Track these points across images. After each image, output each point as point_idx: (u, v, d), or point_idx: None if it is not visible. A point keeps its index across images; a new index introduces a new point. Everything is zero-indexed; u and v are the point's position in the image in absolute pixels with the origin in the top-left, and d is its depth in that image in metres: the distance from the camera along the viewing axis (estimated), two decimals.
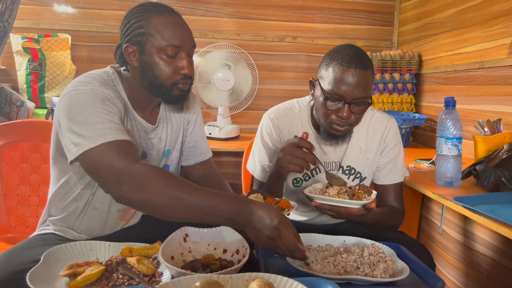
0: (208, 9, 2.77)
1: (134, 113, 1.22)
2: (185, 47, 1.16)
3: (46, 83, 2.48)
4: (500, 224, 1.11)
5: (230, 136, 2.54)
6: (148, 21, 1.13)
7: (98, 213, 1.25)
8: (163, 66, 1.14)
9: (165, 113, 1.33)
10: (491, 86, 1.94)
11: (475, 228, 2.02)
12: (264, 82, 2.82)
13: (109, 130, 1.03)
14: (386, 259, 1.06)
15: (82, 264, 1.02)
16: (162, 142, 1.31)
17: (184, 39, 1.16)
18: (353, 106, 1.26)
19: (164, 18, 1.14)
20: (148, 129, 1.27)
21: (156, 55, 1.14)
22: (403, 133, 2.34)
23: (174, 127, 1.36)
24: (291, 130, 1.44)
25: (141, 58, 1.15)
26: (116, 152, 1.00)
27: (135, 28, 1.14)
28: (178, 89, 1.18)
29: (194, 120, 1.42)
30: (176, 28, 1.15)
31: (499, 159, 1.42)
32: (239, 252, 1.07)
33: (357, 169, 1.46)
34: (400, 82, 2.59)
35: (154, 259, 1.07)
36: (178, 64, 1.16)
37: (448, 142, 1.44)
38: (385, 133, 1.44)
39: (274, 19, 2.84)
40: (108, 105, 1.08)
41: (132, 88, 1.21)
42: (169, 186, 0.95)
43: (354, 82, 1.23)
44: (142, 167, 0.98)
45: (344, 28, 2.91)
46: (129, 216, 1.31)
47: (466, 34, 2.13)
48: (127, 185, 0.96)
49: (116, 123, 1.06)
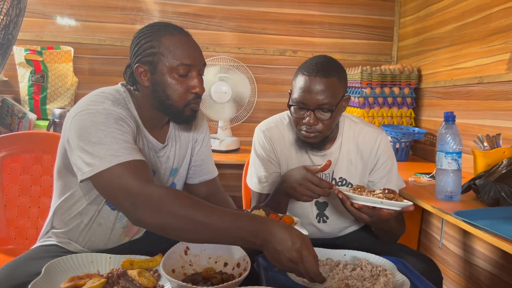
0: (209, 23, 2.81)
1: (145, 132, 1.22)
2: (196, 66, 1.16)
3: (48, 95, 2.49)
4: (500, 239, 1.11)
5: (230, 149, 2.55)
6: (159, 41, 1.13)
7: (103, 229, 1.24)
8: (175, 85, 1.14)
9: (174, 131, 1.33)
10: (490, 101, 1.95)
11: (475, 243, 2.02)
12: (265, 95, 2.85)
13: (124, 150, 1.01)
14: (387, 272, 1.06)
15: (83, 276, 1.02)
16: (170, 160, 1.31)
17: (195, 58, 1.16)
18: (318, 113, 1.30)
19: (175, 38, 1.14)
20: (157, 148, 1.26)
21: (168, 75, 1.13)
22: (402, 147, 2.35)
23: (182, 146, 1.35)
24: (282, 141, 1.47)
25: (153, 78, 1.15)
26: (131, 173, 0.98)
27: (146, 48, 1.13)
28: (190, 110, 1.19)
29: (201, 139, 1.42)
30: (188, 47, 1.15)
31: (499, 174, 1.43)
32: (240, 266, 1.07)
33: (349, 180, 1.46)
34: (399, 96, 2.61)
35: (155, 272, 1.07)
36: (190, 83, 1.16)
37: (448, 157, 1.45)
38: (376, 147, 1.45)
39: (274, 33, 2.88)
40: (121, 125, 1.07)
41: (142, 107, 1.21)
42: (185, 208, 0.92)
43: (315, 89, 1.27)
44: (157, 189, 0.96)
45: (343, 42, 2.94)
46: (133, 232, 1.31)
47: (465, 49, 2.15)
48: (142, 208, 0.94)
49: (130, 143, 1.05)
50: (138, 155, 1.03)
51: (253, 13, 2.84)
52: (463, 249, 2.12)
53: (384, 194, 1.16)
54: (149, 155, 1.23)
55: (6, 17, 1.67)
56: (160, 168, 1.28)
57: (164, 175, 1.30)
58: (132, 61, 1.18)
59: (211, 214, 0.92)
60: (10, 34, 1.75)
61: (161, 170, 1.28)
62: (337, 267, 1.10)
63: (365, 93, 2.56)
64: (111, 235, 1.26)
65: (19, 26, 1.81)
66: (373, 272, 1.07)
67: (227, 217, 0.91)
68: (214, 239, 0.94)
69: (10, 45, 1.79)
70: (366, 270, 1.08)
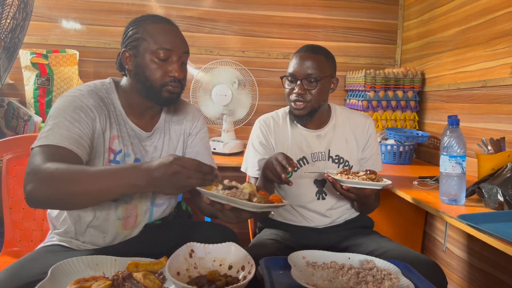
0: (214, 27, 2.82)
1: (127, 120, 1.29)
2: (176, 52, 1.24)
3: (54, 98, 2.51)
4: (504, 243, 1.11)
5: (234, 151, 2.56)
6: (143, 27, 1.23)
7: (100, 222, 1.27)
8: (154, 68, 1.22)
9: (164, 124, 1.39)
10: (494, 104, 1.95)
11: (479, 246, 2.02)
12: (268, 98, 2.85)
13: (56, 135, 1.09)
14: (391, 276, 1.06)
15: (89, 279, 1.02)
16: (157, 151, 1.35)
17: (175, 44, 1.24)
18: (305, 83, 1.51)
19: (158, 25, 1.24)
20: (142, 136, 1.32)
21: (149, 58, 1.22)
22: (406, 150, 2.35)
23: (172, 138, 1.40)
24: (277, 127, 1.66)
25: (135, 61, 1.24)
26: (43, 155, 1.03)
27: (132, 34, 1.24)
28: (167, 91, 1.25)
29: (195, 134, 1.45)
30: (168, 34, 1.24)
31: (503, 178, 1.43)
32: (245, 269, 1.07)
33: (345, 158, 1.63)
34: (403, 100, 2.61)
35: (160, 275, 1.07)
36: (169, 68, 1.23)
37: (452, 160, 1.45)
38: (366, 126, 1.66)
39: (278, 36, 2.89)
40: (78, 113, 1.15)
41: (129, 95, 1.29)
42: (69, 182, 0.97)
43: (302, 62, 1.52)
44: (50, 165, 0.99)
45: (347, 46, 2.95)
46: (131, 225, 1.32)
47: (468, 53, 2.16)
48: (32, 183, 0.98)
49: (73, 131, 1.12)
50: (65, 142, 1.08)
51: (257, 16, 2.85)
52: (467, 253, 2.12)
53: (367, 175, 1.37)
54: (130, 143, 1.29)
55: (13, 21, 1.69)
56: (145, 157, 1.32)
57: None
58: (121, 49, 1.27)
59: (94, 181, 0.97)
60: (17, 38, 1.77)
61: (146, 159, 1.32)
62: (341, 270, 1.10)
63: (369, 97, 2.57)
64: (109, 227, 1.28)
65: (26, 29, 1.83)
66: (378, 276, 1.07)
67: (108, 179, 0.97)
68: (104, 198, 1.03)
69: (16, 49, 1.81)
70: (370, 274, 1.08)
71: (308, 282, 1.01)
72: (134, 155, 1.29)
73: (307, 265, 1.14)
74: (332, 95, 1.74)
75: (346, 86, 2.89)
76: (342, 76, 2.89)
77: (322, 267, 1.13)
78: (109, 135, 1.24)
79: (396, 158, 2.37)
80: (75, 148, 1.10)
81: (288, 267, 1.07)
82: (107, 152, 1.24)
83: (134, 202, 1.32)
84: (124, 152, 1.27)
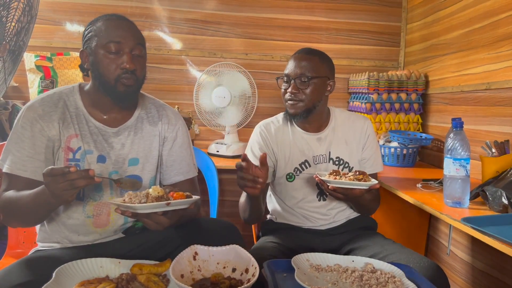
0: (217, 29, 2.83)
1: (89, 118, 1.33)
2: (126, 44, 1.26)
3: None
4: (508, 246, 1.10)
5: (237, 154, 2.55)
6: (96, 25, 1.28)
7: (71, 221, 1.31)
8: (106, 62, 1.25)
9: (136, 122, 1.39)
10: (498, 107, 1.95)
11: (483, 249, 2.01)
12: (271, 100, 2.86)
13: (10, 162, 1.24)
14: (395, 279, 1.06)
15: (93, 281, 1.03)
16: (125, 148, 1.36)
17: (125, 37, 1.26)
18: (297, 82, 1.55)
19: (108, 21, 1.28)
20: (107, 133, 1.34)
21: (101, 53, 1.25)
22: (409, 152, 2.35)
23: (144, 138, 1.40)
24: (278, 134, 1.67)
25: (91, 59, 1.28)
26: (5, 183, 1.24)
27: (86, 34, 1.29)
28: (122, 85, 1.27)
29: (172, 138, 1.44)
30: (118, 28, 1.27)
31: (507, 180, 1.42)
32: (248, 271, 1.07)
33: (345, 159, 1.65)
34: (406, 102, 2.61)
35: (163, 277, 1.08)
36: (119, 60, 1.26)
37: (456, 163, 1.45)
38: (365, 127, 1.68)
39: (281, 39, 2.89)
40: (25, 129, 1.25)
41: (93, 94, 1.34)
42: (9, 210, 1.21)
43: (296, 63, 1.56)
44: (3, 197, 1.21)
45: (350, 48, 2.95)
46: (104, 222, 1.33)
47: (472, 55, 2.15)
48: None
49: (23, 153, 1.24)
50: (16, 169, 1.23)
51: (260, 19, 2.86)
52: (471, 256, 2.11)
53: (355, 176, 1.39)
54: (93, 140, 1.33)
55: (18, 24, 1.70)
56: (110, 153, 1.34)
57: (116, 161, 1.35)
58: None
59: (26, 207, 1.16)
60: (22, 41, 1.78)
61: (111, 155, 1.34)
62: (345, 273, 1.10)
63: (372, 99, 2.57)
64: (79, 225, 1.31)
65: (30, 32, 1.84)
66: (381, 279, 1.07)
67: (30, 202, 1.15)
68: (43, 215, 1.23)
69: (21, 52, 1.82)
70: (374, 277, 1.08)
71: (312, 284, 1.01)
72: (97, 151, 1.32)
73: (311, 268, 1.14)
74: (336, 98, 1.75)
75: (349, 89, 2.89)
76: (346, 79, 2.90)
77: (326, 270, 1.13)
78: (65, 135, 1.29)
79: (400, 160, 2.36)
80: (23, 172, 1.24)
81: (291, 270, 1.07)
82: (63, 151, 1.29)
83: (104, 200, 1.33)
84: (84, 149, 1.30)
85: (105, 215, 1.32)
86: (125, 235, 1.37)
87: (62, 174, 1.02)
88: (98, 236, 1.33)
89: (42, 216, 1.24)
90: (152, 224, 1.09)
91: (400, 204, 2.10)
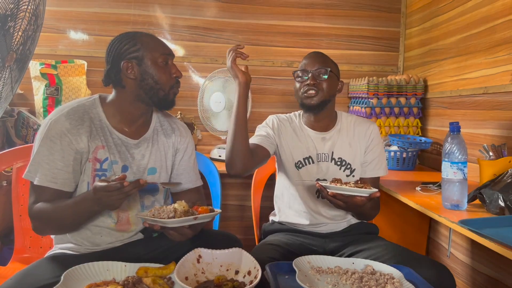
0: (219, 36, 2.87)
1: (112, 130, 1.39)
2: (171, 56, 1.42)
3: None
4: (505, 247, 1.12)
5: None
6: (140, 40, 1.37)
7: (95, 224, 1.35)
8: (161, 72, 1.37)
9: (153, 134, 1.48)
10: (495, 111, 1.98)
11: (483, 251, 2.03)
12: (273, 106, 2.89)
13: (41, 175, 1.28)
14: (394, 281, 1.08)
15: (100, 284, 1.06)
16: (145, 159, 1.43)
17: (169, 50, 1.42)
18: (315, 74, 1.63)
19: (150, 37, 1.41)
20: (129, 144, 1.41)
21: (154, 64, 1.36)
22: (409, 156, 2.37)
23: (160, 149, 1.48)
24: (288, 127, 1.74)
25: (141, 69, 1.35)
26: (35, 195, 1.30)
27: (130, 47, 1.36)
28: (173, 94, 1.41)
29: (183, 150, 1.53)
30: (162, 42, 1.42)
31: (504, 183, 1.45)
32: (251, 274, 1.10)
33: (348, 160, 1.68)
34: (406, 106, 2.64)
35: (168, 279, 1.11)
36: (171, 70, 1.40)
37: (453, 166, 1.47)
38: (369, 130, 1.71)
39: (282, 45, 2.93)
40: (54, 142, 1.29)
41: (118, 106, 1.41)
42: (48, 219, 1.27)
43: (313, 58, 1.66)
44: (36, 208, 1.28)
45: (350, 53, 2.98)
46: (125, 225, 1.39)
47: (470, 60, 2.18)
48: (31, 221, 1.32)
49: (53, 165, 1.28)
50: (47, 182, 1.28)
51: (261, 26, 2.90)
52: (471, 258, 2.13)
53: (355, 184, 1.41)
54: (118, 151, 1.39)
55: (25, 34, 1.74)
56: (132, 164, 1.41)
57: (137, 171, 1.42)
58: (114, 62, 1.37)
59: (66, 215, 1.25)
60: (28, 50, 1.81)
61: (133, 165, 1.41)
62: (345, 275, 1.13)
63: (372, 104, 2.60)
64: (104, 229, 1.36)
65: (36, 41, 1.87)
66: (381, 281, 1.10)
67: (69, 211, 1.24)
68: (81, 222, 1.31)
69: (27, 60, 1.85)
70: (373, 278, 1.11)
71: (313, 286, 1.03)
72: (121, 162, 1.38)
73: (312, 270, 1.16)
74: (336, 102, 1.78)
75: (349, 93, 2.92)
76: (346, 84, 2.93)
77: (327, 272, 1.16)
78: (93, 147, 1.34)
79: (400, 164, 2.39)
80: (53, 184, 1.29)
81: (293, 272, 1.10)
82: (90, 162, 1.34)
83: (124, 205, 1.38)
84: (110, 160, 1.36)
85: (126, 219, 1.39)
86: (144, 234, 1.43)
87: (117, 189, 1.11)
88: (121, 237, 1.39)
89: (81, 223, 1.32)
90: (177, 236, 1.20)
91: (400, 207, 2.12)
